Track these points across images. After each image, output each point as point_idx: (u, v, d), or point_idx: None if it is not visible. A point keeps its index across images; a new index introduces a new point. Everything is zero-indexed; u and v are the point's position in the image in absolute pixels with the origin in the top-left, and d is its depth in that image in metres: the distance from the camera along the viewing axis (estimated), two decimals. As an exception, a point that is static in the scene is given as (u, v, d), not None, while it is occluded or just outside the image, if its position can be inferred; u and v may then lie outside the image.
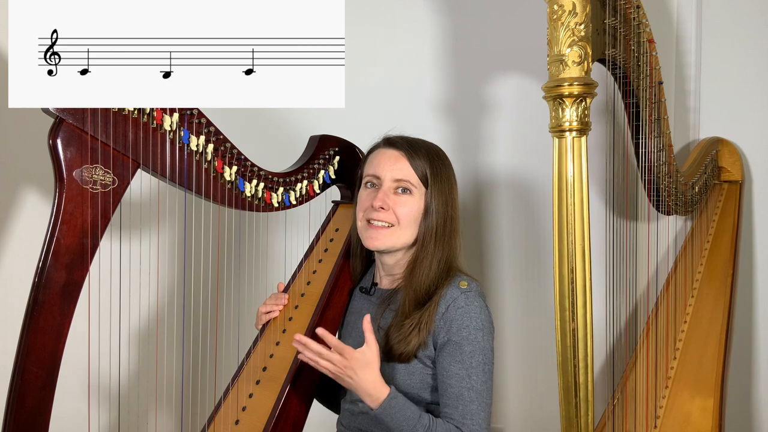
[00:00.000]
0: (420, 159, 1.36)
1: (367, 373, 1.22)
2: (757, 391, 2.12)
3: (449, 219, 1.37)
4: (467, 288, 1.31)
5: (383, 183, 1.36)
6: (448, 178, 1.40)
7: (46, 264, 1.09)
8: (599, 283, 1.61)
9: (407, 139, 1.40)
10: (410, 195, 1.36)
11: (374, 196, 1.35)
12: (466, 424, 1.24)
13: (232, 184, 1.34)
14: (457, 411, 1.25)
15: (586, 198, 1.42)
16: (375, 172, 1.38)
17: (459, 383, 1.26)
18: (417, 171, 1.36)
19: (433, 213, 1.35)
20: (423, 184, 1.36)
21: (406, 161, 1.36)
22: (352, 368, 1.21)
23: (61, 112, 1.10)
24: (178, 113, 1.23)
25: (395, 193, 1.36)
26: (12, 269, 1.74)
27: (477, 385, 1.26)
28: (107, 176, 1.14)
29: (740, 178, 2.14)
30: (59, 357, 1.11)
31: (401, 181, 1.35)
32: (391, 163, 1.37)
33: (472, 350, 1.27)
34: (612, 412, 1.76)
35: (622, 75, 1.65)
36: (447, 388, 1.27)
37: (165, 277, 1.93)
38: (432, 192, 1.35)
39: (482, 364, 1.27)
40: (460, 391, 1.25)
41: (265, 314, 1.50)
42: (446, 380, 1.27)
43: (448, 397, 1.26)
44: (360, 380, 1.22)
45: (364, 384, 1.22)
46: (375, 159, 1.40)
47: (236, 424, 1.36)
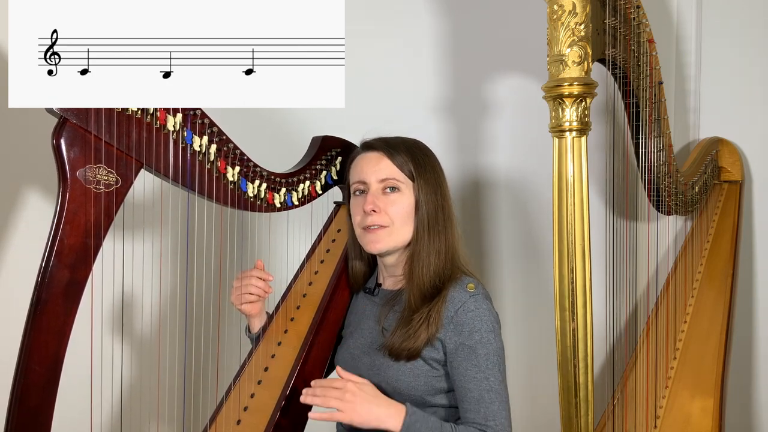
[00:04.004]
0: (400, 154, 1.36)
1: (379, 398, 1.24)
2: (757, 391, 2.13)
3: (440, 208, 1.36)
4: (475, 291, 1.31)
5: (370, 186, 1.36)
6: (433, 168, 1.39)
7: (49, 263, 1.09)
8: (599, 283, 1.61)
9: (384, 139, 1.40)
10: (399, 192, 1.35)
11: (364, 201, 1.35)
12: (490, 425, 1.24)
13: (234, 184, 1.34)
14: (479, 414, 1.25)
15: (586, 198, 1.42)
16: (360, 178, 1.38)
17: (478, 386, 1.26)
18: (400, 167, 1.35)
19: (424, 205, 1.35)
20: (409, 178, 1.36)
21: (388, 160, 1.36)
22: (363, 391, 1.23)
23: (65, 112, 1.10)
24: (182, 113, 1.23)
25: (384, 194, 1.35)
26: (15, 269, 1.74)
27: (495, 386, 1.26)
28: (110, 176, 1.14)
29: (740, 178, 2.15)
30: (62, 356, 1.11)
31: (387, 180, 1.35)
32: (372, 165, 1.37)
33: (486, 353, 1.27)
34: (612, 412, 1.76)
35: (622, 75, 1.65)
36: (467, 393, 1.27)
37: (167, 277, 1.93)
38: (419, 184, 1.35)
39: (497, 365, 1.27)
40: (480, 394, 1.25)
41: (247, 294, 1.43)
42: (465, 385, 1.27)
43: (469, 402, 1.26)
44: (375, 404, 1.22)
45: (379, 405, 1.23)
46: (357, 165, 1.40)
47: (238, 424, 1.36)
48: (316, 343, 1.40)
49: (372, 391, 1.26)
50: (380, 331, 1.37)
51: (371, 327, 1.40)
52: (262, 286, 1.43)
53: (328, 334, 1.44)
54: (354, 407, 1.21)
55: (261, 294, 1.44)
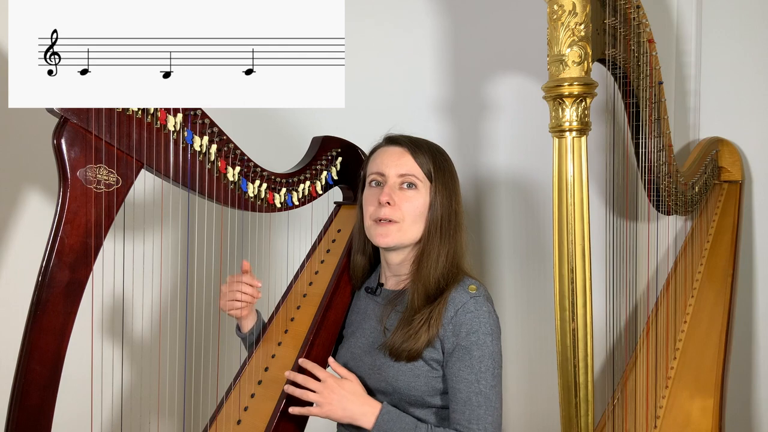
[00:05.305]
0: (423, 155, 1.37)
1: (357, 395, 1.29)
2: (757, 391, 2.13)
3: (454, 214, 1.37)
4: (476, 293, 1.31)
5: (388, 179, 1.36)
6: (452, 174, 1.40)
7: (49, 263, 1.09)
8: (599, 283, 1.61)
9: (409, 137, 1.41)
10: (415, 190, 1.36)
11: (380, 193, 1.36)
12: (473, 428, 1.25)
13: (235, 184, 1.34)
14: (464, 416, 1.26)
15: (586, 198, 1.42)
16: (379, 170, 1.38)
17: (467, 388, 1.26)
18: (421, 166, 1.36)
19: (438, 207, 1.35)
20: (428, 178, 1.36)
21: (410, 156, 1.37)
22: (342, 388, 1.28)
23: (65, 112, 1.10)
24: (182, 113, 1.23)
25: (401, 189, 1.36)
26: (15, 269, 1.74)
27: (485, 389, 1.26)
28: (111, 176, 1.14)
29: (740, 178, 2.15)
30: (62, 356, 1.11)
31: (406, 175, 1.36)
32: (395, 159, 1.37)
33: (481, 355, 1.27)
34: (612, 412, 1.76)
35: (622, 75, 1.65)
36: (456, 393, 1.27)
37: (168, 277, 1.93)
38: (436, 186, 1.36)
39: (491, 369, 1.27)
40: (468, 396, 1.26)
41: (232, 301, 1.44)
42: (455, 385, 1.28)
43: (457, 402, 1.27)
44: (350, 401, 1.28)
45: (354, 403, 1.28)
46: (378, 157, 1.40)
47: (238, 424, 1.36)
48: (316, 343, 1.40)
49: (352, 388, 1.30)
50: (382, 331, 1.37)
51: (373, 327, 1.40)
52: (251, 292, 1.45)
53: (328, 334, 1.44)
54: (330, 403, 1.28)
55: (249, 300, 1.45)
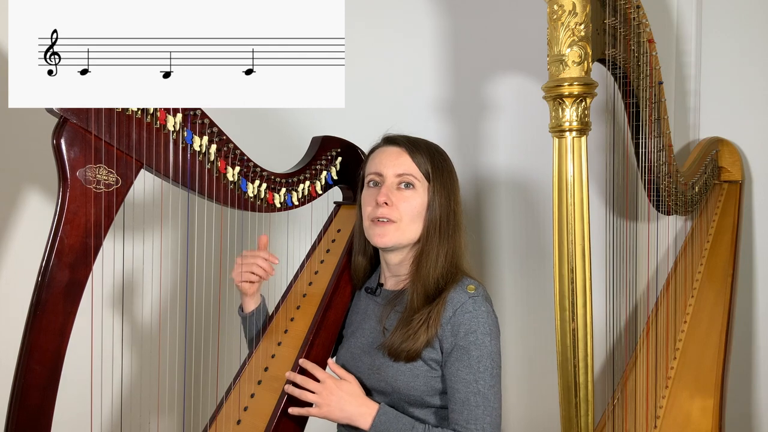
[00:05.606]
0: (421, 154, 1.37)
1: (355, 396, 1.30)
2: (757, 391, 2.13)
3: (452, 213, 1.37)
4: (475, 293, 1.31)
5: (386, 179, 1.36)
6: (450, 174, 1.40)
7: (49, 263, 1.09)
8: (599, 283, 1.61)
9: (407, 137, 1.41)
10: (413, 190, 1.36)
11: (378, 193, 1.36)
12: (470, 429, 1.25)
13: (234, 184, 1.34)
14: (462, 416, 1.26)
15: (586, 198, 1.42)
16: (377, 170, 1.38)
17: (466, 388, 1.26)
18: (419, 166, 1.36)
19: (436, 207, 1.35)
20: (426, 178, 1.36)
21: (408, 156, 1.37)
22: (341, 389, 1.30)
23: (65, 112, 1.10)
24: (182, 113, 1.23)
25: (398, 189, 1.36)
26: (15, 269, 1.74)
27: (484, 389, 1.26)
28: (111, 176, 1.14)
29: (740, 178, 2.15)
30: (62, 356, 1.11)
31: (404, 175, 1.36)
32: (393, 159, 1.37)
33: (479, 355, 1.27)
34: (612, 412, 1.76)
35: (622, 75, 1.65)
36: (454, 393, 1.27)
37: (167, 277, 1.93)
38: (434, 186, 1.36)
39: (490, 369, 1.27)
40: (467, 396, 1.26)
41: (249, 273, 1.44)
42: (454, 385, 1.28)
43: (455, 402, 1.27)
44: (348, 402, 1.29)
45: (351, 404, 1.29)
46: (376, 157, 1.40)
47: (238, 424, 1.36)
48: (316, 343, 1.40)
49: (350, 389, 1.31)
50: (382, 331, 1.37)
51: (372, 327, 1.40)
52: (267, 268, 1.45)
53: (328, 334, 1.44)
54: (328, 404, 1.29)
55: (263, 276, 1.46)
